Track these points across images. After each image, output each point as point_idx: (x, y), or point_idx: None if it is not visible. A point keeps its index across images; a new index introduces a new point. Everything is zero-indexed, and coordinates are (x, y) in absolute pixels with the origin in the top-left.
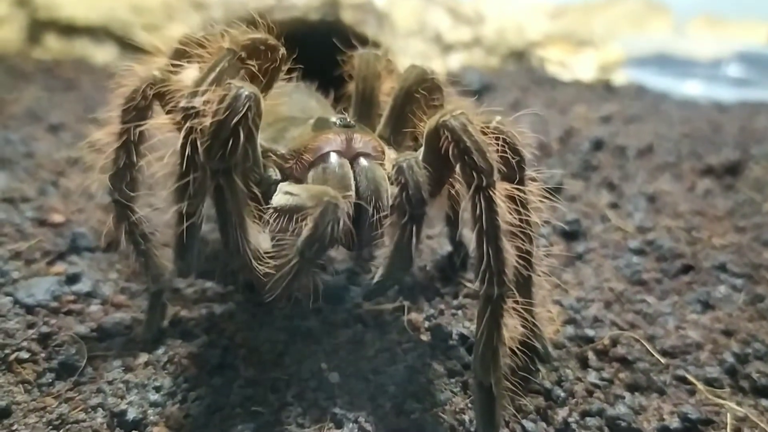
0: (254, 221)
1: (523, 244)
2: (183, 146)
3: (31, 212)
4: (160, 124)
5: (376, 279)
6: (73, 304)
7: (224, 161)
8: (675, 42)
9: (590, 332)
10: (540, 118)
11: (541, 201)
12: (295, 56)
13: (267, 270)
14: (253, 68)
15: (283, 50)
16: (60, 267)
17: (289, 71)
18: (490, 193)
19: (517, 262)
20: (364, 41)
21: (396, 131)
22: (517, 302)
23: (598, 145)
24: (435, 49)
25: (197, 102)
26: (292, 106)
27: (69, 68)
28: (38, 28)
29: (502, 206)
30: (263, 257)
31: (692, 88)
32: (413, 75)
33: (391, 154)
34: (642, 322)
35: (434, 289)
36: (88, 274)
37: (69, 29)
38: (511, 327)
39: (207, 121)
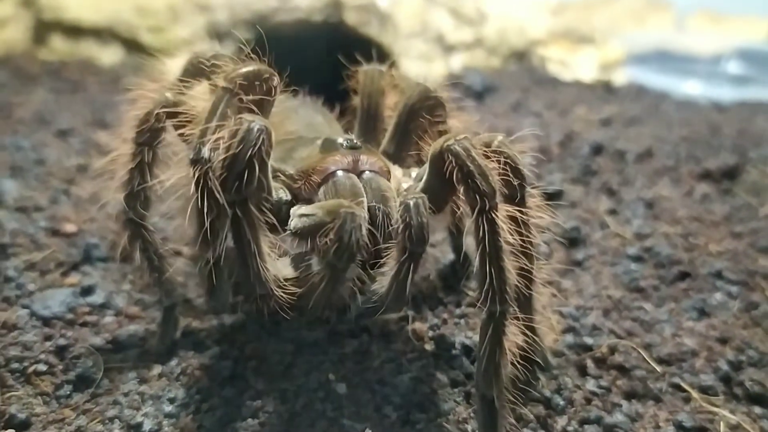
0: (272, 249)
1: (525, 264)
2: (198, 197)
3: (44, 222)
4: (178, 178)
5: (371, 302)
6: (88, 315)
7: (240, 193)
8: (675, 38)
9: (589, 340)
10: (541, 121)
11: (540, 217)
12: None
13: (289, 297)
14: (249, 105)
15: (277, 78)
16: (74, 278)
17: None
18: (493, 215)
19: (518, 280)
20: (366, 43)
21: (400, 148)
22: (518, 318)
23: (597, 149)
24: (437, 50)
25: (205, 152)
26: (298, 122)
27: (75, 70)
28: (44, 29)
29: (504, 228)
30: (284, 284)
31: (692, 88)
32: (417, 93)
33: (396, 171)
34: (639, 330)
35: (437, 298)
36: (102, 286)
37: (74, 30)
38: (513, 342)
39: (220, 157)
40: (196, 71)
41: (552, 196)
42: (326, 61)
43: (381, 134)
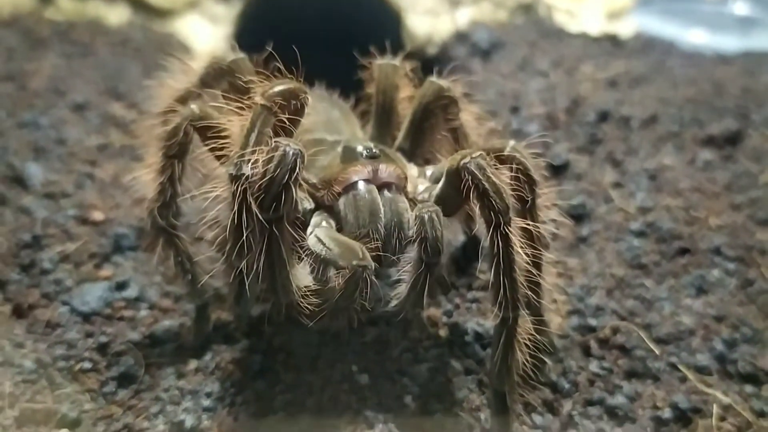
0: (297, 259)
1: (535, 271)
2: (236, 212)
3: (72, 210)
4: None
5: (390, 307)
6: (125, 310)
7: (278, 212)
8: None
9: (593, 321)
10: (547, 82)
11: (550, 218)
12: None
13: (311, 306)
14: (283, 121)
15: (308, 95)
16: (107, 270)
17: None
18: (507, 230)
19: (528, 287)
20: None
21: (415, 145)
22: (527, 321)
23: (603, 116)
24: (444, 4)
25: (246, 170)
26: (316, 120)
27: (84, 31)
28: None
29: (517, 243)
30: (307, 294)
31: (697, 37)
32: (431, 91)
33: (412, 171)
34: (640, 308)
35: (449, 281)
36: (135, 279)
37: None
38: (523, 342)
39: (257, 178)
40: (216, 75)
41: (558, 169)
42: (333, 21)
43: (396, 129)
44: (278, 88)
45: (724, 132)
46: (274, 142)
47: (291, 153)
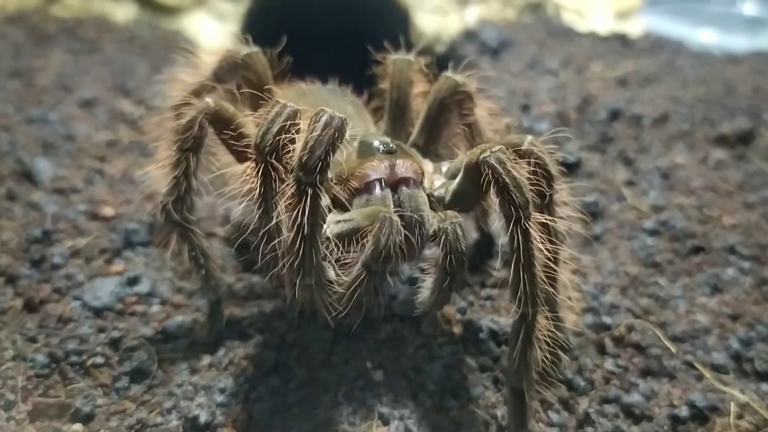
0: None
1: (552, 266)
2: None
3: (82, 205)
4: (225, 162)
5: (414, 312)
6: (137, 305)
7: (323, 174)
8: None
9: (607, 320)
10: (557, 81)
11: (567, 214)
12: None
13: (332, 298)
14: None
15: (298, 114)
16: (118, 265)
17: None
18: (527, 225)
19: (547, 283)
20: None
21: (430, 140)
22: (546, 318)
23: (615, 114)
24: (452, 3)
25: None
26: None
27: (90, 28)
28: None
29: (537, 238)
30: (328, 285)
31: (707, 37)
32: (446, 86)
33: (427, 167)
34: (655, 307)
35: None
36: (146, 274)
37: None
38: (541, 338)
39: (298, 145)
40: (230, 69)
41: (570, 167)
42: (340, 19)
43: (410, 125)
44: (272, 132)
45: (736, 131)
46: (321, 109)
47: (337, 117)
